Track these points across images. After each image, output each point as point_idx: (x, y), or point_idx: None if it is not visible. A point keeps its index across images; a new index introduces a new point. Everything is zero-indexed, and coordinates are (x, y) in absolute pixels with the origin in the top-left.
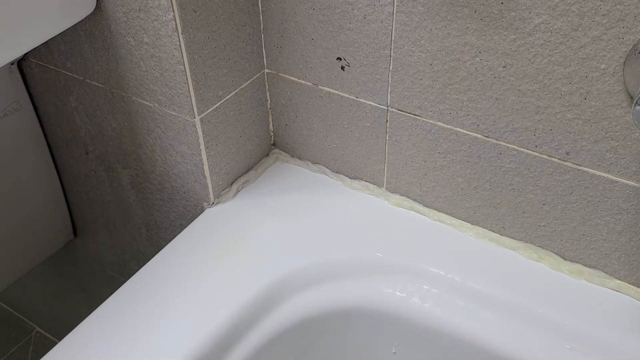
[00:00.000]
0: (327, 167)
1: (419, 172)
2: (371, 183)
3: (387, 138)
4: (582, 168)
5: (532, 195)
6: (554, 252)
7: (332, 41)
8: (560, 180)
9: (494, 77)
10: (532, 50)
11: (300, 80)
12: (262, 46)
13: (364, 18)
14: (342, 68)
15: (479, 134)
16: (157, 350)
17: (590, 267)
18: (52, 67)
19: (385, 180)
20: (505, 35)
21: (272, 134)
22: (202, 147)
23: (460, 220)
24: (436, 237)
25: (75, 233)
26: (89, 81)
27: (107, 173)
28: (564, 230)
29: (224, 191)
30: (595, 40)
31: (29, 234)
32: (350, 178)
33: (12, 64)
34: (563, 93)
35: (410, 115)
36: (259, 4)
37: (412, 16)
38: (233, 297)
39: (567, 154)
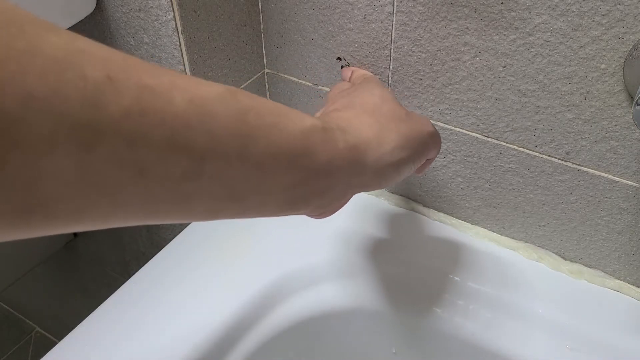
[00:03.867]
0: None
1: None
2: None
3: None
4: (582, 168)
5: (532, 195)
6: (554, 252)
7: (332, 41)
8: (560, 180)
9: (494, 77)
10: (532, 50)
11: (300, 80)
12: (262, 46)
13: (364, 18)
14: (342, 68)
15: (479, 134)
16: (157, 350)
17: (590, 267)
18: None
19: None
20: (505, 35)
21: None
22: None
23: (460, 220)
24: (436, 237)
25: (75, 233)
26: None
27: None
28: (564, 230)
29: None
30: (595, 40)
31: None
32: None
33: None
34: (563, 93)
35: None
36: (259, 4)
37: (412, 16)
38: (233, 297)
39: (567, 154)
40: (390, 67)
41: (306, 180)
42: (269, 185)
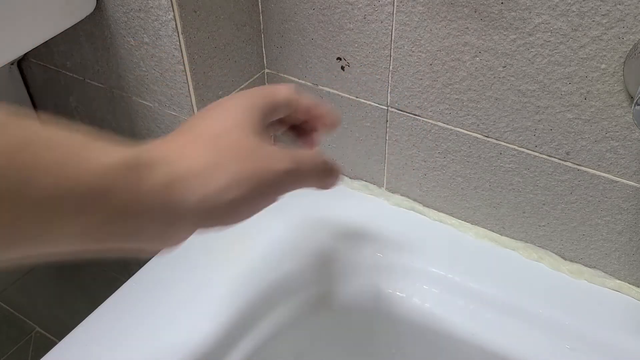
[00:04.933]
0: None
1: (419, 172)
2: (371, 183)
3: (387, 138)
4: (582, 168)
5: (532, 195)
6: (554, 252)
7: (332, 41)
8: (560, 180)
9: (494, 77)
10: (532, 50)
11: (300, 80)
12: (262, 46)
13: (364, 18)
14: (342, 68)
15: (479, 134)
16: (157, 350)
17: (590, 267)
18: (52, 67)
19: (385, 180)
20: (505, 35)
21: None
22: None
23: (460, 220)
24: (436, 237)
25: None
26: (89, 81)
27: None
28: (564, 230)
29: None
30: (595, 40)
31: None
32: (350, 178)
33: (12, 64)
34: (563, 93)
35: (410, 115)
36: (259, 4)
37: (412, 16)
38: (233, 297)
39: (567, 154)
40: (390, 67)
41: (108, 221)
42: (60, 226)
